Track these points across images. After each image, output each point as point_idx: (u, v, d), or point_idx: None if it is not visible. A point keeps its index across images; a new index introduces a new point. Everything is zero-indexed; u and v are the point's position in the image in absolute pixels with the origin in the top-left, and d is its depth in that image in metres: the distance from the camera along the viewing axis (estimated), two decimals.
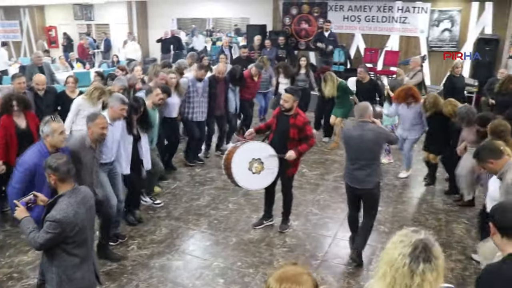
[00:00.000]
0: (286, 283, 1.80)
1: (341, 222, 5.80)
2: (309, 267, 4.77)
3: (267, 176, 5.27)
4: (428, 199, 6.57)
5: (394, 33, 12.67)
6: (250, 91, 8.55)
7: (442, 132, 6.54)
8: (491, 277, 2.34)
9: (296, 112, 5.15)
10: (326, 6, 13.20)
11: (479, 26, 11.92)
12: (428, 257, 1.91)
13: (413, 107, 6.87)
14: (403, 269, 1.91)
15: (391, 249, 1.99)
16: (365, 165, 4.68)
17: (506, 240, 2.39)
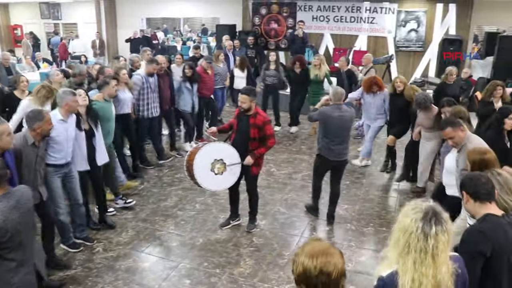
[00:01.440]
0: (321, 257, 1.88)
1: (308, 220, 5.85)
2: (276, 266, 4.82)
3: (229, 177, 5.27)
4: (394, 196, 6.68)
5: (362, 33, 12.87)
6: (208, 86, 8.49)
7: (404, 118, 6.93)
8: (473, 237, 2.59)
9: (255, 112, 5.14)
10: (295, 6, 13.30)
11: (443, 27, 12.23)
12: (439, 220, 2.06)
13: (378, 95, 7.26)
14: (417, 233, 2.04)
15: (403, 217, 2.12)
16: (343, 141, 5.51)
17: (479, 204, 2.67)
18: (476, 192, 2.67)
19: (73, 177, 4.92)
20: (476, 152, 3.65)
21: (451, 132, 4.37)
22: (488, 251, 2.54)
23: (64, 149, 4.69)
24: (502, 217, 2.65)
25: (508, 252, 2.58)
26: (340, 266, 1.90)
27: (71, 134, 4.77)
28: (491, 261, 2.56)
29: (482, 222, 2.63)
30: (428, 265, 2.04)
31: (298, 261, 1.92)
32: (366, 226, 5.72)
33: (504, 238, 2.57)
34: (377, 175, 7.46)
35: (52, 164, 4.62)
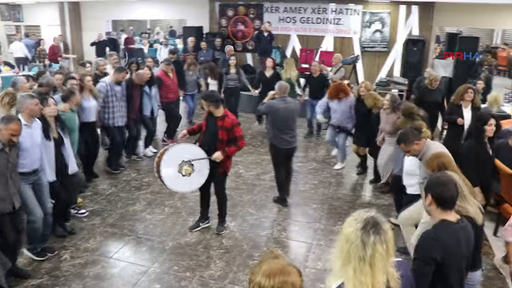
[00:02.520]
0: (278, 276, 1.85)
1: (278, 221, 5.90)
2: (246, 267, 4.84)
3: (197, 179, 5.26)
4: (362, 195, 6.81)
5: (329, 34, 13.00)
6: (171, 90, 8.43)
7: (368, 124, 6.97)
8: (428, 242, 2.68)
9: (224, 114, 5.19)
10: (262, 8, 13.33)
11: (407, 28, 12.48)
12: (377, 230, 2.10)
13: (343, 101, 7.31)
14: (357, 242, 2.09)
15: (346, 227, 2.16)
16: (291, 130, 6.10)
17: (440, 210, 2.73)
18: (440, 199, 2.71)
19: (42, 185, 4.78)
20: (433, 158, 3.74)
21: (405, 148, 4.53)
22: (440, 258, 2.62)
23: (30, 156, 4.57)
24: (456, 223, 2.72)
25: (459, 258, 2.70)
26: (298, 285, 1.88)
27: (37, 140, 4.66)
28: (442, 267, 2.64)
29: (437, 228, 2.71)
30: (366, 273, 2.08)
31: (255, 281, 1.88)
32: (335, 225, 5.81)
33: (456, 245, 2.67)
34: (344, 174, 7.58)
35: (20, 172, 4.47)
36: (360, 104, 7.14)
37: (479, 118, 4.99)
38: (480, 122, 4.91)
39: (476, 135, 4.93)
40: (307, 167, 7.82)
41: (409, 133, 4.56)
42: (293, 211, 6.18)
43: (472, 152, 4.75)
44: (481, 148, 4.88)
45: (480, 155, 4.80)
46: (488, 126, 4.83)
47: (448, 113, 7.07)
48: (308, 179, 7.32)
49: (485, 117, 4.90)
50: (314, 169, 7.74)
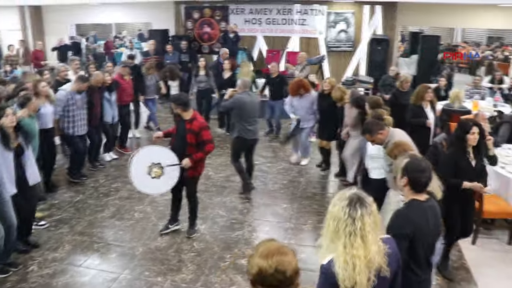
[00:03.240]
0: (276, 256, 1.93)
1: (248, 222, 5.94)
2: (218, 269, 4.85)
3: (167, 181, 5.23)
4: (331, 193, 6.90)
5: (295, 34, 13.13)
6: (127, 93, 8.28)
7: (331, 119, 7.19)
8: (400, 219, 2.87)
9: (192, 117, 5.16)
10: (227, 10, 13.36)
11: (371, 28, 12.73)
12: (363, 204, 2.26)
13: (305, 97, 7.49)
14: (345, 218, 2.23)
15: (332, 207, 2.31)
16: (255, 121, 6.49)
17: (413, 192, 2.94)
18: (415, 183, 2.91)
19: (3, 199, 4.57)
20: (393, 147, 3.99)
21: (370, 138, 4.84)
22: (411, 233, 2.81)
23: None
24: (425, 202, 2.94)
25: (427, 235, 2.90)
26: (294, 264, 1.96)
27: None
28: (413, 243, 2.82)
29: (408, 207, 2.92)
30: (358, 246, 2.22)
31: (253, 263, 1.96)
32: (305, 223, 5.88)
33: (424, 222, 2.87)
34: (313, 173, 7.67)
35: None
36: (323, 99, 7.36)
37: (461, 126, 4.49)
38: (462, 130, 4.43)
39: (458, 144, 4.48)
40: (276, 167, 7.90)
41: (372, 123, 4.84)
42: (263, 212, 6.23)
43: (451, 160, 4.45)
44: (462, 158, 4.44)
45: (460, 165, 4.41)
46: (470, 135, 4.35)
47: (412, 116, 6.86)
48: (277, 179, 7.39)
49: (467, 125, 4.39)
50: (283, 169, 7.81)
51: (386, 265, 2.31)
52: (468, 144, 4.38)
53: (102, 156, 8.07)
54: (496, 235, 5.76)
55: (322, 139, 7.62)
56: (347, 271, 2.22)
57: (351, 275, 2.22)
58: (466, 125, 4.39)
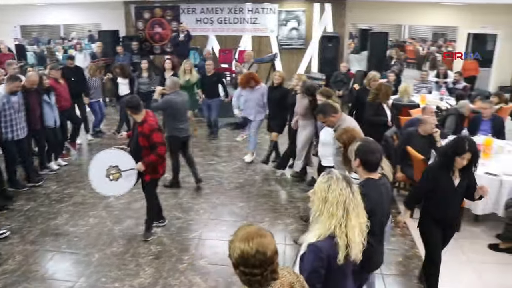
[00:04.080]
0: (256, 238, 2.03)
1: (204, 222, 5.93)
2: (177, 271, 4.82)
3: (125, 183, 5.24)
4: (287, 190, 6.98)
5: (246, 33, 13.18)
6: (63, 97, 7.94)
7: (281, 111, 7.39)
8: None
9: (143, 120, 5.13)
10: (178, 9, 13.26)
11: (321, 25, 12.95)
12: (351, 181, 2.57)
13: (256, 90, 7.62)
14: (350, 196, 2.48)
15: (330, 194, 2.47)
16: (186, 119, 6.76)
17: (366, 171, 3.19)
18: (367, 164, 3.17)
19: None
20: (342, 133, 4.15)
21: (322, 119, 5.05)
22: (369, 209, 2.94)
23: None
24: (379, 180, 3.21)
25: (381, 210, 3.17)
26: (273, 245, 2.07)
27: None
28: (371, 217, 2.93)
29: (364, 186, 3.09)
30: (362, 215, 2.55)
31: (235, 247, 2.05)
32: (262, 221, 5.93)
33: (379, 198, 3.15)
34: (268, 171, 7.74)
35: None
36: (274, 91, 7.54)
37: (455, 146, 3.93)
38: (453, 149, 3.92)
39: (443, 161, 4.04)
40: (231, 167, 7.92)
41: (327, 106, 5.07)
42: (220, 211, 6.23)
43: (430, 174, 4.10)
44: (444, 175, 4.00)
45: (441, 182, 4.01)
46: (460, 158, 3.86)
47: (373, 114, 6.83)
48: (233, 178, 7.41)
49: (461, 148, 3.85)
50: (239, 168, 7.85)
51: None
52: (453, 165, 3.94)
53: (49, 165, 7.72)
54: None
55: (273, 131, 7.77)
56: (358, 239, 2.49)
57: (359, 243, 2.50)
58: (461, 148, 3.86)
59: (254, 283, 2.07)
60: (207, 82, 9.23)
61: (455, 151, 3.88)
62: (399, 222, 4.62)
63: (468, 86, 11.40)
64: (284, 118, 7.46)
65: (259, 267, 2.03)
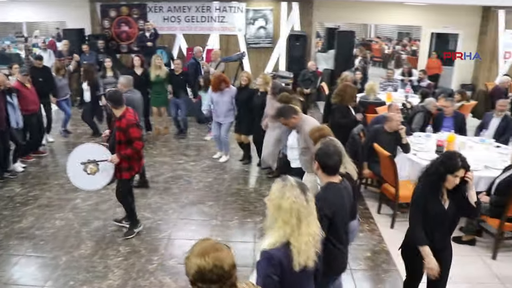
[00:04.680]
0: (212, 253, 1.99)
1: (174, 222, 5.89)
2: (146, 272, 4.78)
3: (101, 178, 5.28)
4: (256, 188, 7.01)
5: (214, 32, 13.15)
6: (31, 100, 7.73)
7: (249, 113, 7.43)
8: (319, 202, 2.92)
9: (122, 115, 5.14)
10: (145, 8, 13.10)
11: (289, 24, 13.03)
12: (306, 188, 2.54)
13: (226, 92, 7.59)
14: (303, 204, 2.47)
15: (285, 201, 2.45)
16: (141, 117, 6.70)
17: (326, 175, 3.21)
18: (325, 167, 3.20)
19: None
20: (315, 130, 4.25)
21: (284, 121, 5.14)
22: (331, 213, 3.09)
23: None
24: (340, 183, 3.23)
25: (344, 212, 3.22)
26: (230, 258, 2.04)
27: None
28: (333, 221, 3.13)
29: (325, 190, 3.19)
30: (310, 224, 2.50)
31: (191, 263, 2.00)
32: (231, 220, 5.94)
33: (342, 202, 3.19)
34: (237, 169, 7.77)
35: None
36: (242, 92, 7.59)
37: (447, 162, 3.43)
38: (445, 166, 3.41)
39: (432, 179, 3.50)
40: (200, 166, 7.90)
41: (288, 108, 5.16)
42: (189, 211, 6.21)
43: (421, 199, 3.53)
44: (433, 197, 3.50)
45: (429, 206, 3.51)
46: (452, 176, 3.39)
47: (341, 116, 6.78)
48: (201, 177, 7.39)
49: (454, 164, 3.38)
50: (208, 167, 7.83)
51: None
52: (443, 185, 3.44)
53: (13, 167, 7.52)
54: None
55: (240, 133, 7.80)
56: (307, 247, 2.46)
57: (308, 251, 2.48)
58: (453, 164, 3.37)
59: None
60: (175, 81, 9.18)
61: (447, 169, 3.37)
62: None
63: (432, 84, 11.71)
64: (252, 119, 7.43)
65: (217, 282, 1.99)
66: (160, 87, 9.08)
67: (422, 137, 7.01)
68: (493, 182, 5.41)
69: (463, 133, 7.34)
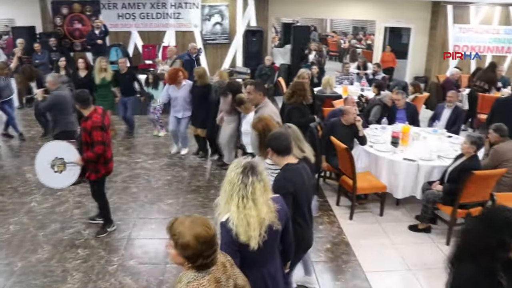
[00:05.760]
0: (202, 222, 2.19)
1: (133, 222, 5.81)
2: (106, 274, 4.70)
3: (67, 177, 5.26)
4: (216, 184, 6.94)
5: (170, 28, 13.00)
6: None
7: (204, 107, 7.50)
8: (281, 181, 3.28)
9: (89, 115, 5.06)
10: (98, 4, 12.79)
11: (245, 20, 13.03)
12: (255, 172, 2.63)
13: (183, 86, 7.66)
14: (238, 183, 2.59)
15: (229, 173, 2.65)
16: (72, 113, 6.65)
17: (281, 157, 3.37)
18: (278, 149, 3.36)
19: None
20: (257, 121, 4.33)
21: (252, 90, 5.35)
22: (294, 190, 3.27)
23: None
24: (297, 164, 3.41)
25: (305, 190, 3.40)
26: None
27: None
28: (296, 198, 3.31)
29: (285, 171, 3.35)
30: (250, 207, 2.58)
31: (188, 238, 2.14)
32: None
33: (301, 179, 3.36)
34: (196, 166, 7.75)
35: None
36: (196, 88, 7.62)
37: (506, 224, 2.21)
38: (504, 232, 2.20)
39: (487, 262, 2.23)
40: (159, 164, 7.82)
41: (260, 84, 5.48)
42: (148, 210, 6.14)
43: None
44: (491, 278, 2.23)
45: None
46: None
47: (300, 116, 6.29)
48: (160, 175, 7.32)
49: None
50: (166, 165, 7.77)
51: (277, 219, 2.73)
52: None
53: None
54: (369, 208, 6.28)
55: (196, 127, 7.83)
56: (242, 227, 2.58)
57: (246, 231, 2.59)
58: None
59: (203, 267, 2.20)
60: (121, 80, 8.97)
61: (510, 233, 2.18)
62: None
63: (386, 77, 11.98)
64: (207, 114, 7.49)
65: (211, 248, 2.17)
66: (106, 90, 8.72)
67: (378, 129, 7.18)
68: (445, 171, 5.61)
69: (416, 124, 7.57)
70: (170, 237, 2.20)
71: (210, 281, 2.20)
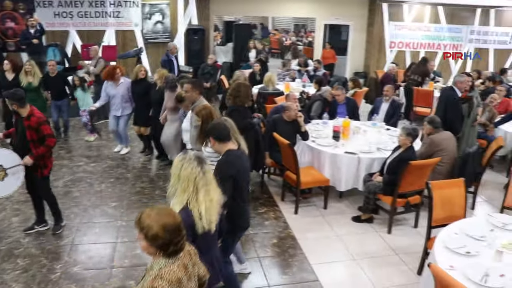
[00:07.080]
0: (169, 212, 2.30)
1: (76, 227, 5.65)
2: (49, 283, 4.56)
3: (12, 182, 5.11)
4: (161, 185, 6.88)
5: (109, 27, 12.71)
6: None
7: (145, 105, 7.53)
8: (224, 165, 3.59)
9: (30, 114, 5.02)
10: (32, 2, 12.27)
11: (186, 18, 12.96)
12: (204, 161, 2.89)
13: (121, 84, 7.66)
14: (199, 175, 2.81)
15: (183, 172, 2.81)
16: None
17: (222, 144, 3.68)
18: (218, 136, 3.67)
19: None
20: (200, 109, 4.80)
21: (189, 88, 5.39)
22: (235, 173, 3.57)
23: None
24: (237, 150, 3.73)
25: (245, 174, 3.75)
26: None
27: None
28: (237, 180, 3.61)
29: (227, 156, 3.65)
30: (208, 192, 2.85)
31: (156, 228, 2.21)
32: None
33: (241, 163, 3.67)
34: (140, 167, 7.64)
35: None
36: (138, 85, 7.61)
37: None
38: None
39: None
40: (101, 166, 7.64)
41: (197, 82, 5.58)
42: (92, 214, 5.98)
43: None
44: None
45: None
46: None
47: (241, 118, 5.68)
48: (103, 178, 7.16)
49: None
50: (109, 167, 7.60)
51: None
52: None
53: None
54: (314, 202, 6.43)
55: (139, 126, 7.84)
56: (207, 215, 2.82)
57: (210, 216, 2.84)
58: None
59: (174, 253, 2.29)
60: (52, 84, 8.68)
61: None
62: None
63: (327, 73, 12.27)
64: (148, 111, 7.54)
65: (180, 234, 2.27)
66: (35, 94, 8.27)
67: (320, 124, 7.35)
68: (384, 162, 5.84)
69: (356, 118, 7.81)
70: (139, 231, 2.26)
71: (179, 266, 2.30)
